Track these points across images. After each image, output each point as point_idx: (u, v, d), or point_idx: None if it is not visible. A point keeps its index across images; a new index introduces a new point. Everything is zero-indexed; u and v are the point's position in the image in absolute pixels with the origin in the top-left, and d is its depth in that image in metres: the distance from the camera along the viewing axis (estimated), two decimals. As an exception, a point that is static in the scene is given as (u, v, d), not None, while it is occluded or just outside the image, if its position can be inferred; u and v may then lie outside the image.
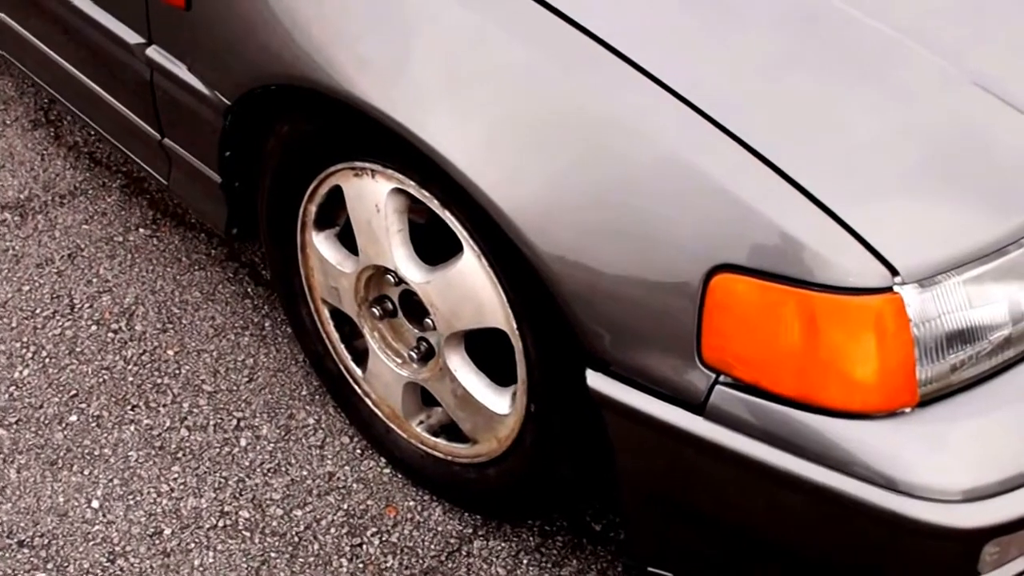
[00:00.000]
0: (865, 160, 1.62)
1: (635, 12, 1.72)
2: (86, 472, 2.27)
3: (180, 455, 2.31)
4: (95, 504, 2.21)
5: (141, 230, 2.77)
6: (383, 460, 2.31)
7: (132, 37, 2.24)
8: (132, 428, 2.35)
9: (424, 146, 1.72)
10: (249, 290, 2.63)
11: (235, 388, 2.44)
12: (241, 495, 2.24)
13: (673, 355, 1.63)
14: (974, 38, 1.84)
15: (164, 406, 2.40)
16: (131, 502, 2.22)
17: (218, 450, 2.32)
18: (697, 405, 1.63)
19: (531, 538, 2.20)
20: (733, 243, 1.56)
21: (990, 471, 1.60)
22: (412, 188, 1.86)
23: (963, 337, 1.62)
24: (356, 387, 2.25)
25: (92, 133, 2.94)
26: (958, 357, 1.61)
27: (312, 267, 2.18)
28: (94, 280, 2.64)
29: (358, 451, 2.33)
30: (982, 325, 1.62)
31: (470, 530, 2.21)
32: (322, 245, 2.12)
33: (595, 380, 1.71)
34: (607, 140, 1.62)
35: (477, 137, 1.68)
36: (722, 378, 1.62)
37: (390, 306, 2.09)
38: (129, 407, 2.39)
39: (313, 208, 2.09)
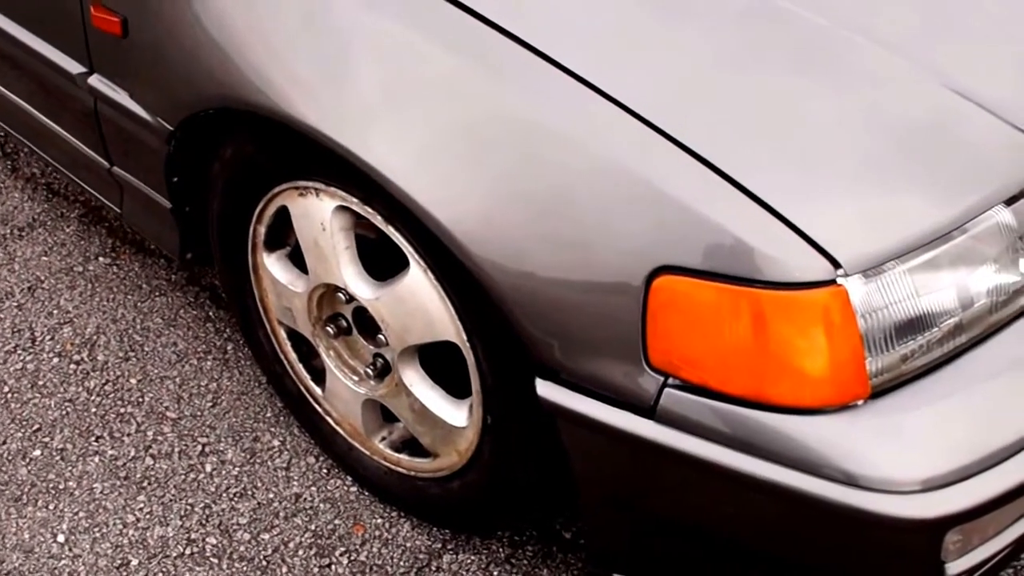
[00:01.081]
0: (804, 154, 1.61)
1: (568, 17, 1.71)
2: (51, 507, 2.25)
3: (145, 484, 2.29)
4: (60, 539, 2.19)
5: (101, 259, 2.75)
6: (349, 479, 2.29)
7: (74, 67, 2.22)
8: (96, 459, 2.33)
9: (361, 163, 1.71)
10: (211, 313, 2.62)
11: (199, 413, 2.42)
12: (208, 521, 2.22)
13: (620, 360, 1.62)
14: (917, 28, 1.83)
15: (128, 435, 2.38)
16: (97, 534, 2.20)
17: (183, 477, 2.30)
18: (647, 409, 1.62)
19: (501, 550, 2.19)
20: (673, 244, 1.55)
21: (946, 459, 1.58)
22: (355, 205, 1.85)
23: (912, 326, 1.60)
24: (317, 406, 2.24)
25: (48, 164, 2.92)
26: (908, 347, 1.60)
27: (265, 289, 2.16)
28: (55, 312, 2.62)
29: (324, 471, 2.32)
30: (931, 313, 1.61)
31: (439, 545, 2.19)
32: (273, 266, 2.11)
33: (545, 389, 1.69)
34: (542, 147, 1.60)
35: (412, 151, 1.67)
36: (671, 380, 1.60)
37: (344, 324, 2.07)
38: (93, 438, 2.37)
39: (262, 230, 2.07)
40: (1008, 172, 1.69)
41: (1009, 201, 1.69)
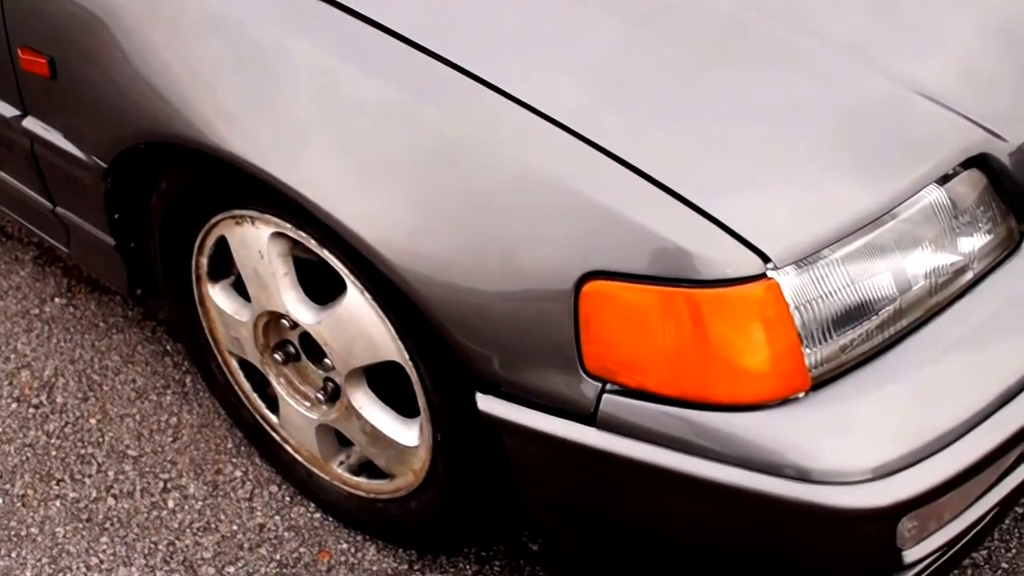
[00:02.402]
0: (727, 149, 1.60)
1: (482, 28, 1.70)
2: (14, 555, 2.23)
3: (108, 525, 2.27)
4: (24, 585, 2.18)
5: (57, 300, 2.74)
6: (312, 505, 2.28)
7: (8, 110, 2.21)
8: (58, 503, 2.32)
9: (287, 188, 1.70)
10: (168, 347, 2.60)
11: (160, 449, 2.41)
12: (172, 558, 2.21)
13: (557, 368, 1.60)
14: (843, 15, 1.82)
15: (89, 477, 2.37)
16: (61, 579, 2.18)
17: (146, 515, 2.29)
18: (588, 416, 1.61)
19: (468, 567, 2.17)
20: (600, 249, 1.54)
21: (893, 446, 1.57)
22: (290, 231, 1.84)
23: (850, 315, 1.59)
24: (274, 434, 2.22)
25: None
26: (847, 336, 1.59)
27: (213, 320, 2.15)
28: (12, 356, 2.61)
29: (287, 499, 2.30)
30: (868, 300, 1.60)
31: (405, 566, 2.17)
32: (218, 297, 2.09)
33: (485, 403, 1.68)
34: (463, 161, 1.59)
35: (335, 173, 1.66)
36: (609, 386, 1.59)
37: (292, 350, 2.06)
38: (54, 482, 2.36)
39: (204, 261, 2.06)
40: (938, 152, 1.68)
41: (942, 181, 1.67)
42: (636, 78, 1.64)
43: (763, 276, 1.52)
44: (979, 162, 1.72)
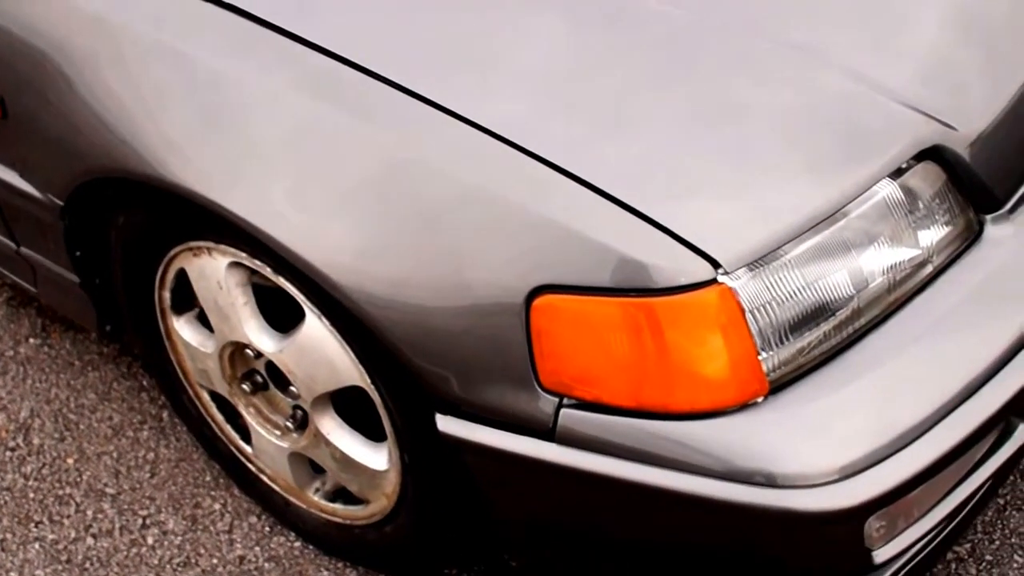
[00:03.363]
0: (672, 154, 1.58)
1: (420, 46, 1.69)
2: (-6, 598, 2.22)
3: (88, 565, 2.26)
4: (4, 630, 2.16)
5: (31, 340, 2.73)
6: (292, 535, 2.26)
7: (-35, 153, 2.20)
8: (37, 546, 2.30)
9: (234, 217, 1.69)
10: (144, 382, 2.59)
11: (138, 486, 2.39)
12: (152, 594, 2.19)
13: (513, 385, 1.59)
14: (787, 11, 1.80)
15: (68, 517, 2.35)
16: (41, 621, 2.17)
17: (125, 553, 2.27)
18: (547, 431, 1.59)
19: (449, 587, 2.16)
20: (548, 262, 1.53)
21: (853, 446, 1.56)
22: (245, 260, 1.83)
23: (806, 316, 1.58)
24: (249, 465, 2.21)
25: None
26: (805, 338, 1.57)
27: (180, 353, 2.14)
28: (-12, 400, 2.60)
29: (266, 529, 2.29)
30: (825, 300, 1.59)
31: (386, 590, 2.16)
32: (183, 329, 2.08)
33: (445, 424, 1.66)
34: (407, 180, 1.58)
35: (281, 199, 1.65)
36: (566, 400, 1.57)
37: (260, 379, 2.05)
38: (33, 524, 2.34)
39: (167, 294, 2.05)
40: (889, 146, 1.67)
41: (895, 175, 1.66)
42: (581, 88, 1.63)
43: (714, 282, 1.50)
44: (933, 154, 1.70)
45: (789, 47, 1.70)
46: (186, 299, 2.07)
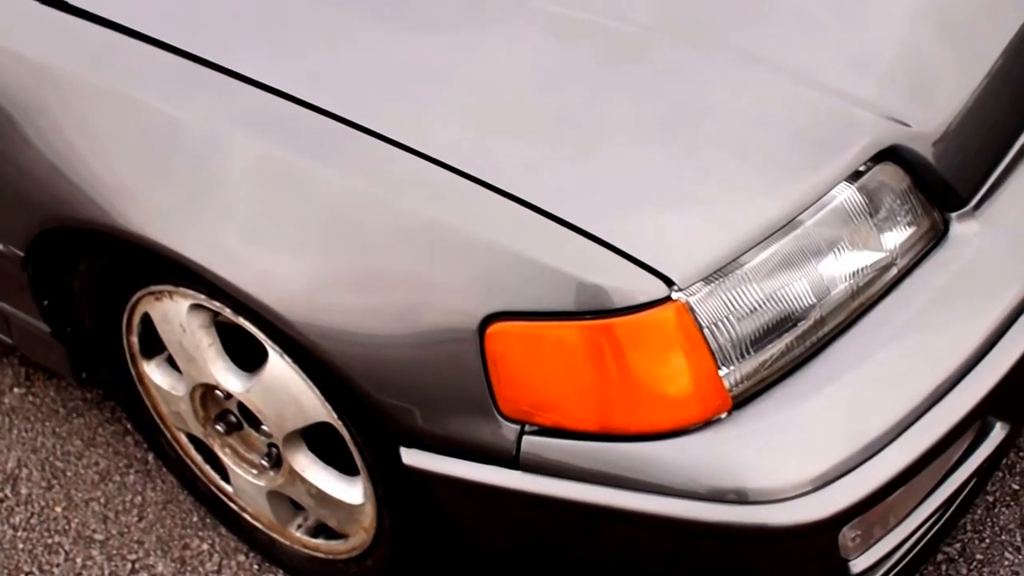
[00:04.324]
0: (617, 171, 1.56)
1: (359, 77, 1.67)
2: (-16, 653, 2.21)
3: (77, 613, 2.25)
4: None
5: (16, 390, 2.72)
6: (280, 572, 2.25)
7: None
8: (26, 596, 2.29)
9: (185, 260, 1.67)
10: (128, 426, 2.58)
11: (126, 530, 2.38)
12: (141, 640, 2.18)
13: (474, 415, 1.57)
14: (733, 17, 1.78)
15: (57, 566, 2.34)
16: (31, 674, 2.15)
17: (114, 599, 2.26)
18: (510, 459, 1.57)
19: (437, 617, 2.13)
20: (498, 289, 1.51)
21: (822, 457, 1.53)
22: (205, 301, 1.81)
23: (768, 328, 1.56)
24: (231, 504, 2.19)
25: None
26: (767, 351, 1.55)
27: (155, 397, 2.12)
28: (-25, 453, 2.59)
29: (255, 567, 2.27)
30: (786, 311, 1.57)
31: (374, 623, 2.13)
32: (154, 373, 2.07)
33: (409, 457, 1.65)
34: (352, 213, 1.57)
35: (231, 242, 1.64)
36: (527, 427, 1.55)
37: (233, 419, 2.03)
38: (22, 575, 2.33)
39: (134, 339, 2.04)
40: (844, 149, 1.64)
41: (853, 178, 1.63)
42: (525, 110, 1.61)
43: (669, 299, 1.48)
44: (892, 155, 1.67)
45: (737, 55, 1.68)
46: (155, 343, 2.05)
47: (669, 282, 1.48)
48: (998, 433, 1.74)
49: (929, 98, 1.73)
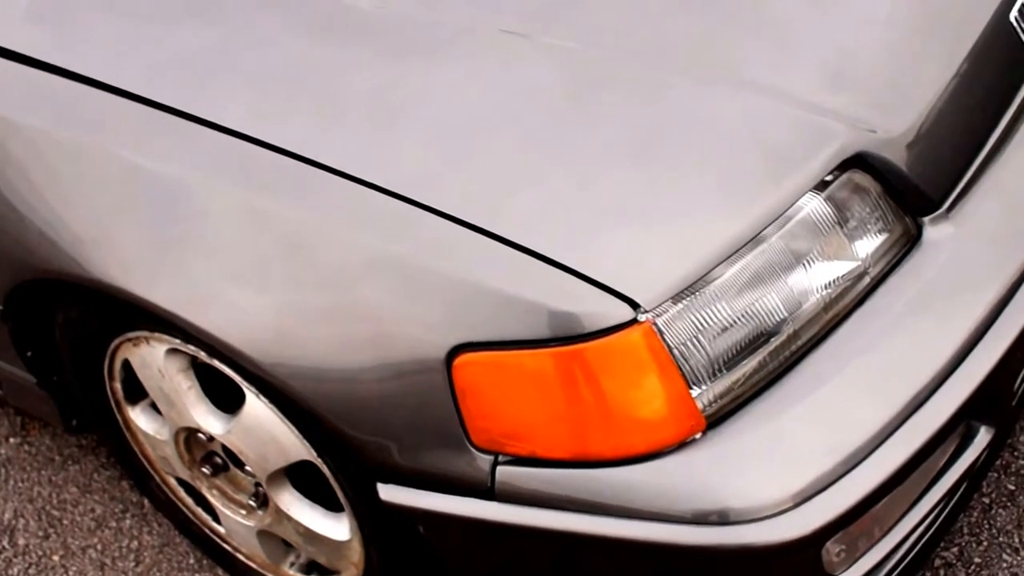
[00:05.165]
0: (582, 197, 1.55)
1: (313, 112, 1.67)
2: None
3: (76, 662, 2.24)
4: None
5: (11, 440, 2.72)
6: (276, 610, 2.23)
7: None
8: (26, 648, 2.29)
9: (157, 308, 1.67)
10: (123, 471, 2.57)
11: (124, 576, 2.38)
12: None
13: (448, 447, 1.56)
14: (690, 31, 1.77)
15: (56, 615, 2.34)
16: None
17: (113, 646, 2.25)
18: (486, 490, 1.56)
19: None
20: (463, 321, 1.50)
21: (800, 472, 1.52)
22: (180, 346, 1.81)
23: (739, 346, 1.55)
24: (224, 545, 2.19)
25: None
26: (740, 369, 1.53)
27: (141, 442, 2.12)
28: (-28, 505, 2.59)
29: (252, 607, 2.26)
30: (757, 327, 1.55)
31: (373, 659, 2.12)
32: (139, 419, 2.07)
33: (387, 492, 1.64)
34: (312, 250, 1.57)
35: (197, 286, 1.64)
36: (501, 457, 1.54)
37: (219, 460, 2.02)
38: (22, 626, 2.33)
39: (118, 386, 2.04)
40: (809, 159, 1.63)
41: (820, 188, 1.62)
42: (481, 138, 1.60)
43: (635, 322, 1.46)
44: (859, 162, 1.66)
45: (696, 72, 1.67)
46: (138, 389, 2.05)
47: (635, 304, 1.46)
48: (983, 437, 1.72)
49: (895, 103, 1.72)
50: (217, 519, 2.16)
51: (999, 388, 1.70)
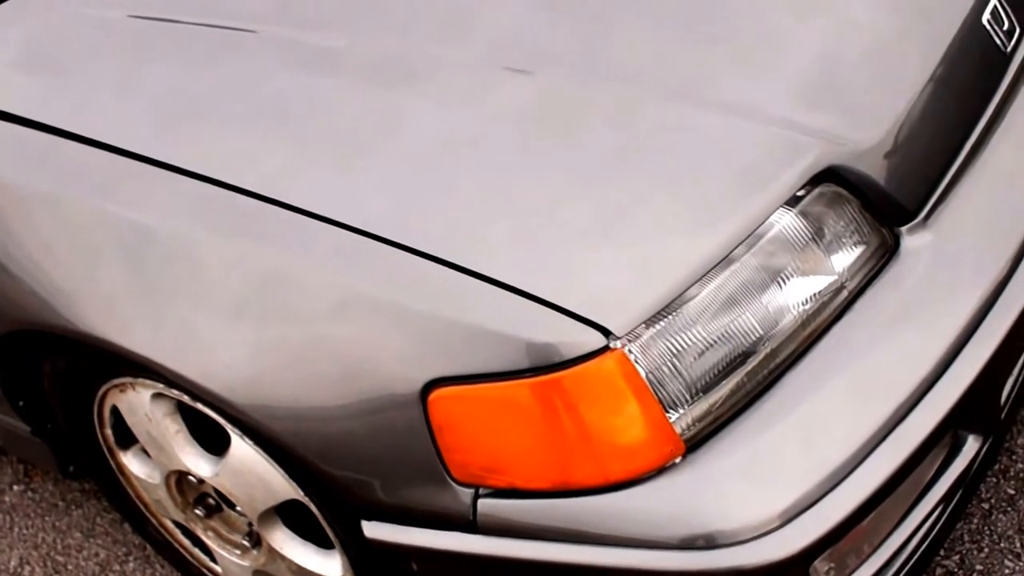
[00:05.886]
0: (548, 225, 1.55)
1: (269, 155, 1.66)
2: None
3: None
4: None
5: (15, 488, 2.73)
6: (280, 648, 2.23)
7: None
8: None
9: (135, 355, 1.68)
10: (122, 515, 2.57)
11: (128, 620, 2.38)
12: None
13: (428, 482, 1.56)
14: (650, 50, 1.76)
15: (62, 662, 2.34)
16: None
17: None
18: (469, 524, 1.55)
19: None
20: (435, 355, 1.49)
21: (784, 491, 1.51)
22: (164, 390, 1.81)
23: (715, 368, 1.54)
24: (224, 586, 2.18)
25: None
26: (719, 391, 1.52)
27: (136, 486, 2.12)
28: (-22, 554, 2.59)
29: (255, 646, 2.25)
30: (733, 348, 1.54)
31: None
32: (132, 463, 2.07)
33: (371, 529, 1.64)
34: (281, 292, 1.57)
35: (171, 331, 1.64)
36: (482, 490, 1.53)
37: (212, 502, 2.02)
38: (29, 674, 2.33)
39: (108, 432, 2.04)
40: (777, 175, 1.62)
41: (793, 203, 1.61)
42: (446, 170, 1.60)
43: (607, 349, 1.46)
44: (831, 175, 1.65)
45: (657, 91, 1.66)
46: (129, 434, 2.05)
47: (606, 332, 1.46)
48: (971, 446, 1.70)
49: (866, 114, 1.71)
50: (214, 559, 2.16)
51: (985, 396, 1.69)
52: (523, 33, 1.77)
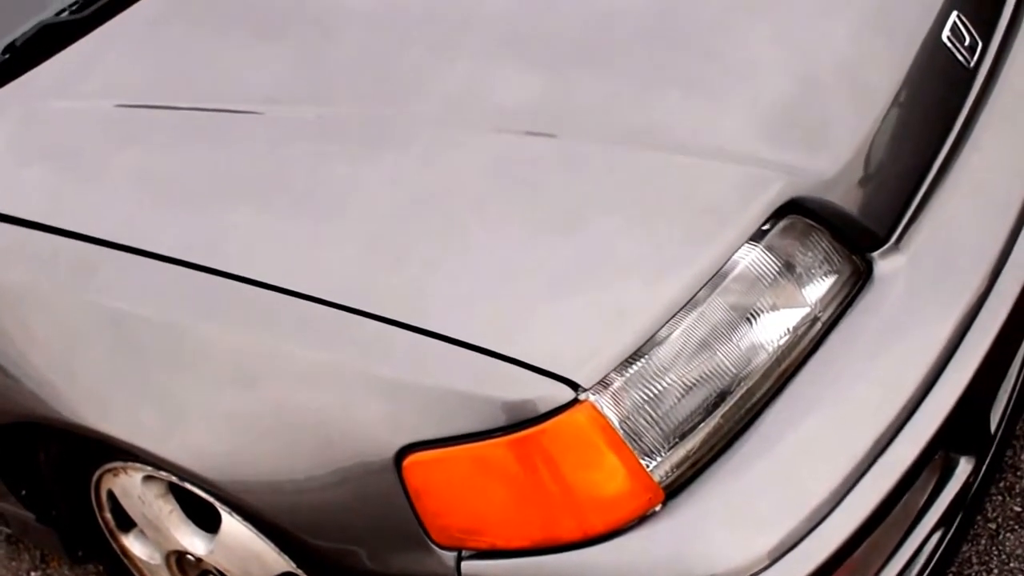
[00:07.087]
0: (510, 281, 1.55)
1: (235, 229, 1.68)
2: None
3: None
4: None
5: (33, 574, 2.74)
6: None
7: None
8: None
9: (115, 440, 1.69)
10: (139, 594, 2.57)
11: None
12: None
13: (411, 548, 1.55)
14: (607, 105, 1.76)
15: None
16: None
17: None
18: (454, 586, 1.55)
19: None
20: (405, 421, 1.49)
21: (770, 529, 1.49)
22: (153, 472, 1.82)
23: (690, 411, 1.53)
24: (237, 660, 2.18)
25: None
26: (696, 435, 1.51)
27: (140, 567, 2.13)
28: (-1, 643, 2.60)
29: None
30: (707, 390, 1.54)
31: None
32: (134, 545, 2.08)
33: (359, 599, 1.63)
34: (250, 369, 1.56)
35: (147, 416, 1.65)
36: (464, 552, 1.53)
37: (216, 577, 2.03)
38: None
39: (108, 516, 2.05)
40: (739, 212, 1.61)
41: (758, 238, 1.60)
42: (402, 233, 1.60)
43: (576, 402, 1.45)
44: (796, 207, 1.64)
45: (610, 136, 1.66)
46: (127, 517, 2.06)
47: (574, 385, 1.45)
48: (964, 468, 1.68)
49: (826, 142, 1.70)
50: (226, 634, 2.15)
51: (972, 416, 1.67)
52: (482, 91, 1.77)
